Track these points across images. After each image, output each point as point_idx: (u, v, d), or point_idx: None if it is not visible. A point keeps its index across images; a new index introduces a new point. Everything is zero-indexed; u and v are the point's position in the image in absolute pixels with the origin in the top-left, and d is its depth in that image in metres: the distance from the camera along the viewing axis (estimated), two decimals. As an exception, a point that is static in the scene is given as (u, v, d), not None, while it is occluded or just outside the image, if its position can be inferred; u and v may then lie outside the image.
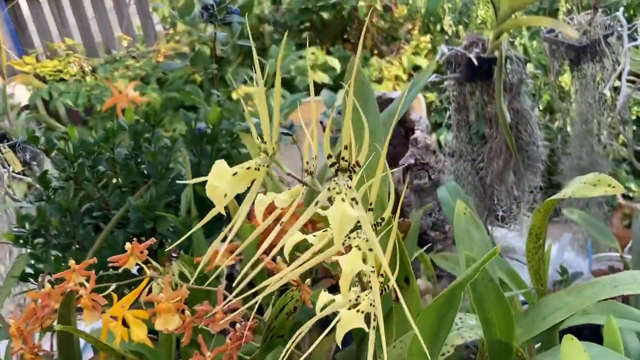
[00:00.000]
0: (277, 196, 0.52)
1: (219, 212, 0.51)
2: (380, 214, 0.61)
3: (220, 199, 0.46)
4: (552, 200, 0.93)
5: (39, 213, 1.17)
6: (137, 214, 1.11)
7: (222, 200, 0.47)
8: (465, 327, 0.85)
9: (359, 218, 0.47)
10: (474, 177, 1.75)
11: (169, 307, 0.83)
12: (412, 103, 1.67)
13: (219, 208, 0.47)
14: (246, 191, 0.50)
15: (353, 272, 0.48)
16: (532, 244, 1.02)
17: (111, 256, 1.16)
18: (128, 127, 1.21)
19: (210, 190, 0.46)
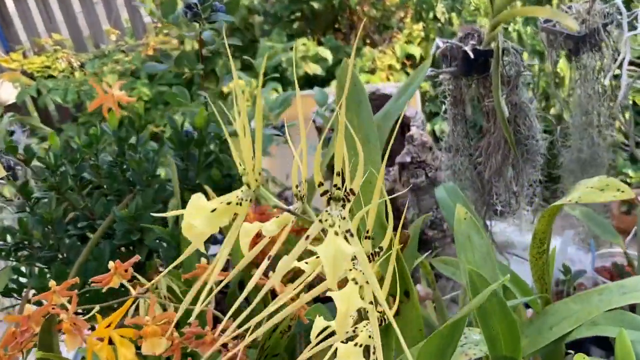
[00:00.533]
0: (263, 226, 0.47)
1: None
2: (379, 239, 0.56)
3: (198, 237, 0.42)
4: (557, 206, 0.88)
5: (20, 226, 1.12)
6: (122, 225, 1.06)
7: (201, 238, 0.42)
8: (469, 343, 0.80)
9: (357, 254, 0.42)
10: (472, 172, 1.70)
11: (155, 330, 0.79)
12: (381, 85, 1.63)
13: (198, 245, 0.42)
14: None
15: (350, 311, 0.44)
16: (536, 249, 0.98)
17: (97, 269, 1.12)
18: (112, 133, 1.16)
19: (186, 229, 0.42)
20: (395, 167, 1.43)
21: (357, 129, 0.82)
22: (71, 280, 0.86)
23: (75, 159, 1.16)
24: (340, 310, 0.44)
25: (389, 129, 0.97)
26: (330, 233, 0.42)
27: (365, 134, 0.82)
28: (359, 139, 0.83)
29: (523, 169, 1.67)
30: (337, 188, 0.44)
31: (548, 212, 0.90)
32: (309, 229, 0.43)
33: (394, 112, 0.97)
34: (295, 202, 0.48)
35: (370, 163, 0.82)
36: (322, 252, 0.40)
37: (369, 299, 0.49)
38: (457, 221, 0.99)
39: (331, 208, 0.44)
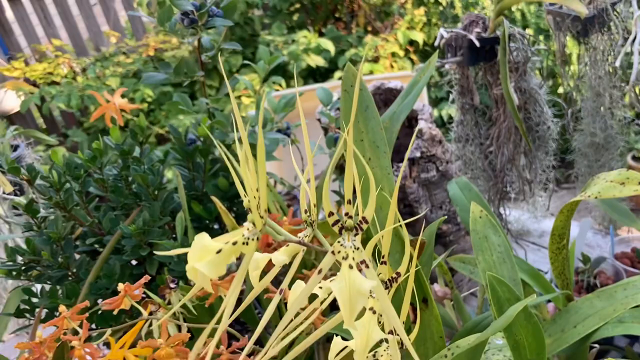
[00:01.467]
0: (273, 256, 0.45)
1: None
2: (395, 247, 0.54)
3: (203, 279, 0.39)
4: (575, 201, 0.85)
5: (28, 245, 1.10)
6: (131, 241, 1.05)
7: (207, 281, 0.39)
8: (492, 349, 0.78)
9: (374, 288, 0.39)
10: (483, 162, 1.67)
11: (169, 352, 0.77)
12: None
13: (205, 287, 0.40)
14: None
15: (370, 344, 0.42)
16: (556, 244, 0.95)
17: (108, 286, 1.10)
18: (114, 146, 1.14)
19: (191, 273, 0.39)
20: (406, 163, 1.40)
21: (365, 134, 0.79)
22: (81, 304, 0.84)
23: (79, 175, 1.14)
24: (359, 344, 0.41)
25: (397, 131, 0.94)
26: (344, 266, 0.39)
27: (373, 140, 0.79)
28: (367, 145, 0.81)
29: (535, 155, 1.64)
30: (349, 217, 0.41)
31: (567, 207, 0.87)
32: (321, 263, 0.41)
33: (402, 113, 0.94)
34: (305, 228, 0.46)
35: (379, 168, 0.79)
36: (336, 290, 0.38)
37: (389, 326, 0.46)
38: (472, 220, 0.96)
39: (344, 239, 0.41)
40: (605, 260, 1.33)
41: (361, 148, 0.80)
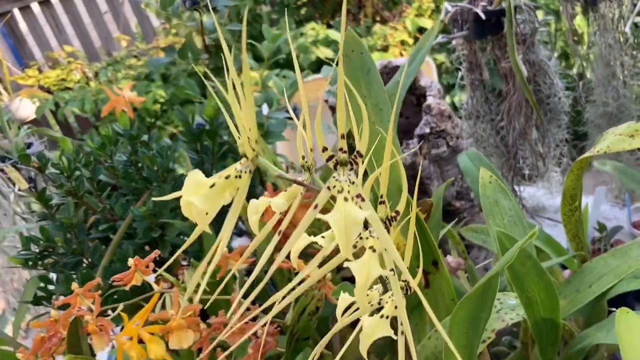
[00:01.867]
0: (272, 201, 0.44)
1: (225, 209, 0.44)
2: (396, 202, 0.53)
3: (200, 216, 0.39)
4: (585, 158, 0.84)
5: (42, 233, 1.12)
6: (142, 223, 1.05)
7: (202, 217, 0.39)
8: (505, 308, 0.77)
9: (369, 217, 0.39)
10: (495, 138, 1.65)
11: (180, 323, 0.77)
12: (420, 68, 1.58)
13: (203, 227, 0.40)
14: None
15: (369, 280, 0.41)
16: (568, 206, 0.93)
17: (122, 270, 1.11)
18: (123, 132, 1.14)
19: (185, 208, 0.39)
20: (415, 139, 1.39)
21: (368, 98, 0.79)
22: (93, 281, 0.84)
23: (89, 162, 1.15)
24: (359, 280, 0.41)
25: (402, 98, 0.94)
26: (339, 199, 0.39)
27: (376, 102, 0.79)
28: (370, 108, 0.80)
29: (548, 129, 1.62)
30: (343, 152, 0.41)
31: (576, 165, 0.86)
32: (317, 198, 0.40)
33: (406, 80, 0.94)
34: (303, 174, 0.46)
35: (384, 130, 0.78)
36: (332, 220, 0.38)
37: (391, 267, 0.46)
38: (482, 186, 0.95)
39: (339, 173, 0.41)
40: (622, 228, 1.31)
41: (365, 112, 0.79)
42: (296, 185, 0.44)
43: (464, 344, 0.62)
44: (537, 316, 0.75)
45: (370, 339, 0.48)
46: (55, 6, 4.71)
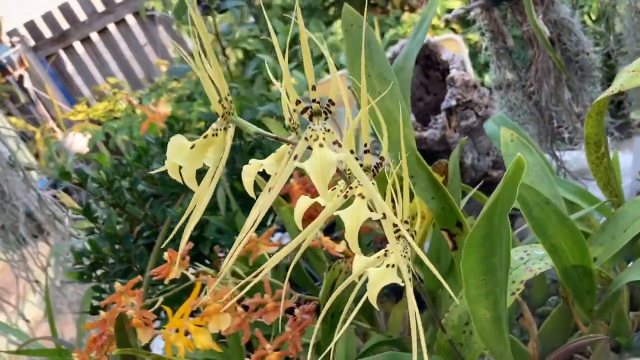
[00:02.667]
0: (262, 162, 0.46)
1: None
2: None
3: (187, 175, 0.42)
4: (602, 100, 0.83)
5: (91, 246, 1.18)
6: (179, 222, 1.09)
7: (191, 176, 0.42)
8: (533, 259, 0.76)
9: (344, 160, 0.41)
10: (528, 104, 1.62)
11: (217, 307, 0.80)
12: (442, 44, 1.58)
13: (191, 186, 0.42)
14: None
15: (359, 224, 0.43)
16: (594, 154, 0.92)
17: (168, 271, 1.15)
18: (154, 140, 1.19)
19: (171, 169, 0.42)
20: (442, 114, 1.39)
21: (371, 69, 0.80)
22: (134, 279, 0.89)
23: (127, 173, 1.20)
24: (349, 225, 0.43)
25: (411, 69, 0.94)
26: (315, 146, 0.41)
27: (380, 72, 0.80)
28: (375, 79, 0.81)
29: (581, 87, 1.58)
30: (317, 102, 0.43)
31: (594, 110, 0.84)
32: (295, 149, 0.42)
33: (413, 51, 0.94)
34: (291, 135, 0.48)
35: (390, 97, 0.80)
36: (307, 166, 0.39)
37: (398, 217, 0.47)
38: (504, 145, 0.95)
39: (314, 123, 0.43)
40: (668, 177, 1.27)
41: (370, 83, 0.81)
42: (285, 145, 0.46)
43: (485, 292, 0.63)
44: (565, 263, 0.74)
45: (376, 287, 0.50)
46: (97, 43, 4.92)
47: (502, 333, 0.70)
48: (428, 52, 1.48)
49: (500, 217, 0.54)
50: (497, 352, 0.74)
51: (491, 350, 0.74)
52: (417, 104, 1.57)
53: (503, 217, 0.55)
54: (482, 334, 0.70)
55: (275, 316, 0.80)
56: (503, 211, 0.54)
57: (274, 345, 0.80)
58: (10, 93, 4.85)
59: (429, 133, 1.37)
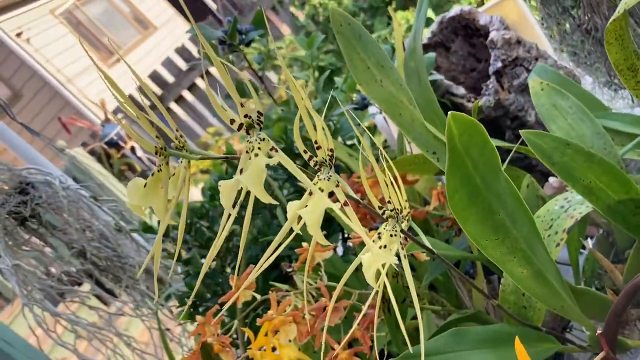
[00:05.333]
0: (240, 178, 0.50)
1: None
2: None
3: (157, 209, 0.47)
4: (617, 20, 0.78)
5: (187, 287, 1.27)
6: (253, 249, 1.16)
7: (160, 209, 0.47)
8: (573, 205, 0.74)
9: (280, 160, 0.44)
10: (589, 42, 1.53)
11: (283, 319, 0.84)
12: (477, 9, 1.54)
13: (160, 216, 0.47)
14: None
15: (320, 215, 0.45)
16: (632, 80, 0.86)
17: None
18: (218, 178, 1.28)
19: (136, 211, 0.47)
20: (492, 78, 1.35)
21: (368, 60, 0.82)
22: (211, 310, 0.96)
23: (204, 213, 1.29)
24: (310, 220, 0.45)
25: (421, 47, 0.95)
26: (252, 157, 0.44)
27: (377, 61, 0.81)
28: (374, 69, 0.83)
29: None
30: (248, 117, 0.46)
31: (610, 35, 0.79)
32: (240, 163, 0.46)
33: (419, 26, 0.95)
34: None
35: (392, 84, 0.81)
36: (243, 177, 0.43)
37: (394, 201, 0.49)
38: (534, 95, 0.92)
39: (251, 136, 0.46)
40: None
41: (370, 74, 0.82)
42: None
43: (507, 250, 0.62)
44: (607, 201, 0.71)
45: (370, 270, 0.51)
46: (189, 99, 5.24)
47: (551, 287, 0.68)
48: (464, 21, 1.45)
49: (482, 176, 0.54)
50: (557, 307, 0.72)
51: (551, 306, 0.72)
52: (470, 74, 1.54)
53: (488, 174, 0.54)
54: (531, 292, 0.68)
55: (337, 317, 0.83)
56: (482, 169, 0.54)
57: (344, 342, 0.83)
58: (128, 165, 5.29)
59: (483, 101, 1.34)
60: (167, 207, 0.48)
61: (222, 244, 1.32)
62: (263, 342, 0.94)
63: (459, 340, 0.76)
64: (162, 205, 0.47)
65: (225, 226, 0.51)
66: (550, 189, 1.08)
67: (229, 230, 1.06)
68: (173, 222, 1.27)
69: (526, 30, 1.75)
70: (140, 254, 1.85)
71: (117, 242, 1.85)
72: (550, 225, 0.73)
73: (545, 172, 1.27)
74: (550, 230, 0.72)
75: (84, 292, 1.86)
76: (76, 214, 1.75)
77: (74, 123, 5.35)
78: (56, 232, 1.80)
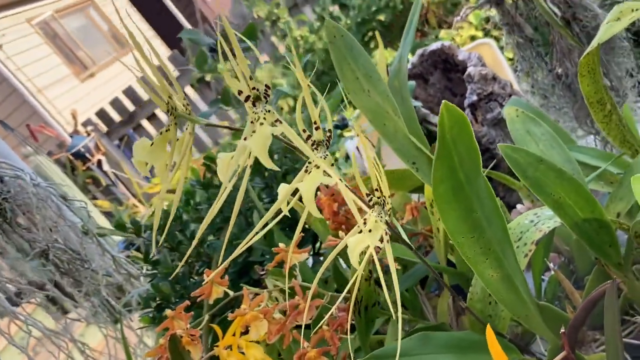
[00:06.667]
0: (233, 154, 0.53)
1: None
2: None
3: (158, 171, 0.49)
4: (589, 54, 0.84)
5: (154, 289, 1.27)
6: (228, 252, 1.17)
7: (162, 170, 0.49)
8: (542, 219, 0.78)
9: (284, 130, 0.47)
10: (559, 87, 1.61)
11: (255, 315, 0.86)
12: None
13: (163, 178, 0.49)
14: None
15: (314, 188, 0.48)
16: (600, 113, 0.92)
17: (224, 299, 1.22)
18: (195, 182, 1.29)
19: (139, 167, 0.49)
20: (467, 110, 1.41)
21: (357, 71, 0.86)
22: (183, 304, 0.96)
23: (177, 217, 1.30)
24: (305, 191, 0.48)
25: (406, 70, 1.00)
26: (257, 126, 0.47)
27: (365, 73, 0.85)
28: (363, 79, 0.87)
29: (610, 60, 1.56)
30: (256, 90, 0.49)
31: (583, 68, 0.85)
32: (245, 132, 0.48)
33: (405, 51, 1.00)
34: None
35: (379, 95, 0.85)
36: (251, 142, 0.45)
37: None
38: (510, 121, 0.97)
39: (257, 108, 0.49)
40: None
41: (359, 84, 0.86)
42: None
43: (480, 250, 0.65)
44: (574, 218, 0.75)
45: (355, 252, 0.54)
46: (162, 118, 5.23)
47: (518, 294, 0.72)
48: (444, 55, 1.52)
49: (465, 172, 0.58)
50: (522, 315, 0.75)
51: (515, 314, 0.75)
52: (446, 108, 1.60)
53: (471, 172, 0.58)
54: (499, 297, 0.72)
55: (310, 316, 0.84)
56: (466, 165, 0.57)
57: (312, 343, 0.84)
58: (92, 178, 5.22)
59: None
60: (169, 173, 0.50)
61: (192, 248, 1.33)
62: (230, 341, 0.95)
63: (426, 344, 0.78)
64: (164, 165, 0.49)
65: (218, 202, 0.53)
66: (517, 215, 1.13)
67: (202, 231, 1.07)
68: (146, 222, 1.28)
69: (499, 73, 1.83)
70: (104, 259, 1.83)
71: (82, 245, 1.83)
72: (520, 237, 0.76)
73: (512, 204, 1.32)
74: (519, 242, 0.76)
75: (42, 293, 1.82)
76: (43, 212, 1.73)
77: (42, 131, 5.28)
78: (20, 229, 1.77)
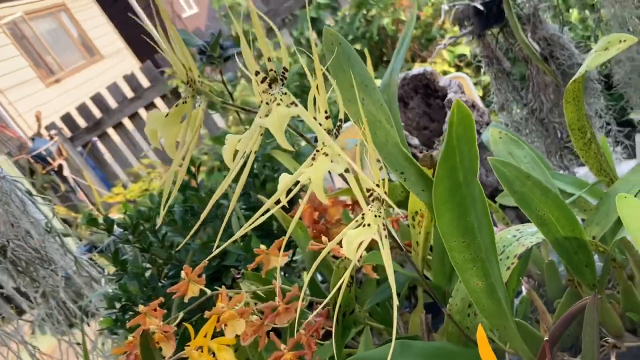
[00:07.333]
0: (241, 136, 0.53)
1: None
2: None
3: (167, 144, 0.48)
4: (575, 82, 0.87)
5: (121, 289, 1.24)
6: (201, 255, 1.15)
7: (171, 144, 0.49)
8: (525, 235, 0.80)
9: (299, 112, 0.47)
10: (532, 121, 1.67)
11: (232, 314, 0.85)
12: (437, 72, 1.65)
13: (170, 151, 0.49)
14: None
15: (323, 174, 0.48)
16: (580, 141, 0.96)
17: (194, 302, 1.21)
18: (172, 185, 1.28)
19: (151, 137, 0.49)
20: (444, 135, 1.44)
21: (354, 79, 0.87)
22: (157, 300, 0.94)
23: (149, 217, 1.28)
24: (314, 177, 0.48)
25: (397, 83, 1.01)
26: (274, 106, 0.47)
27: (361, 81, 0.86)
28: (358, 87, 0.88)
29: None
30: (273, 71, 0.49)
31: (569, 95, 0.89)
32: (260, 111, 0.49)
33: (397, 65, 1.02)
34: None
35: (372, 103, 0.86)
36: (268, 121, 0.46)
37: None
38: (493, 142, 1.00)
39: (272, 89, 0.49)
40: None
41: (353, 92, 0.87)
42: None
43: (470, 257, 0.66)
44: (555, 235, 0.77)
45: (352, 245, 0.54)
46: (128, 127, 5.16)
47: (499, 304, 0.73)
48: (425, 81, 1.55)
49: (464, 172, 0.59)
50: (500, 326, 0.76)
51: (494, 325, 0.76)
52: (422, 132, 1.63)
53: (469, 172, 0.60)
54: (480, 307, 0.73)
55: (287, 318, 0.84)
56: (465, 165, 0.59)
57: (289, 346, 0.83)
58: (51, 183, 5.09)
59: (435, 153, 1.42)
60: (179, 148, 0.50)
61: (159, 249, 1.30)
62: (201, 342, 0.93)
63: (404, 351, 0.79)
64: (174, 139, 0.48)
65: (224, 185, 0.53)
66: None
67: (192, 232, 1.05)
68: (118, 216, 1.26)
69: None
70: (65, 260, 1.78)
71: (43, 244, 1.77)
72: (503, 251, 0.78)
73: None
74: (502, 255, 0.78)
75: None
76: (6, 206, 1.68)
77: (2, 131, 5.14)
78: (-20, 223, 1.71)
